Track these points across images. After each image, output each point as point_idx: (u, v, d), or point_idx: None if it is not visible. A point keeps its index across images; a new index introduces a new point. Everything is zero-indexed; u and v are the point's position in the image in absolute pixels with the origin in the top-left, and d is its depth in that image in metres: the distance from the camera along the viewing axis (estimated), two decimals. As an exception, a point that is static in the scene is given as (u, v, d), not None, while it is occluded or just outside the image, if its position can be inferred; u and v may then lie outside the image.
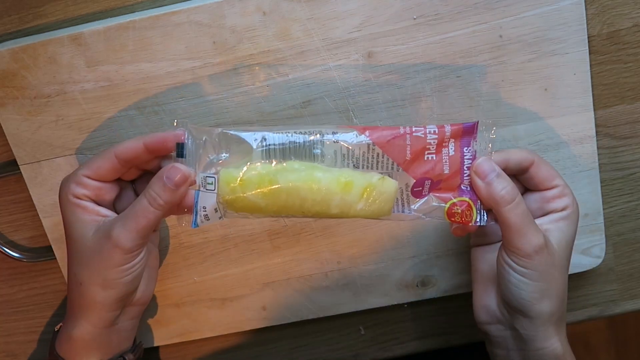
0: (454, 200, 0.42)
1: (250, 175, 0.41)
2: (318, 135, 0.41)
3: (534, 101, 0.48)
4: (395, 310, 0.56)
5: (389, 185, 0.41)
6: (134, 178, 0.45)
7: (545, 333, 0.43)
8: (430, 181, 0.42)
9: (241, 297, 0.53)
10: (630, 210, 0.53)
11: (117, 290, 0.43)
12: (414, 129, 0.41)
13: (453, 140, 0.41)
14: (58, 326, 0.47)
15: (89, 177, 0.42)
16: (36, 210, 0.51)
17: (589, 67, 0.48)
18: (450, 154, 0.41)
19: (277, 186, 0.40)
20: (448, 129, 0.41)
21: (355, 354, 0.57)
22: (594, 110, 0.49)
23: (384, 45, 0.47)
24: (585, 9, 0.46)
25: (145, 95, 0.49)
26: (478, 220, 0.42)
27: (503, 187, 0.41)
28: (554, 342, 0.43)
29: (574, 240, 0.44)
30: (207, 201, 0.42)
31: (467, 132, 0.41)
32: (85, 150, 0.50)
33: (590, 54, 0.48)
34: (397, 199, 0.42)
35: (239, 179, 0.41)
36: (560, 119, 0.49)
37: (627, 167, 0.52)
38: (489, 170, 0.41)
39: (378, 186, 0.41)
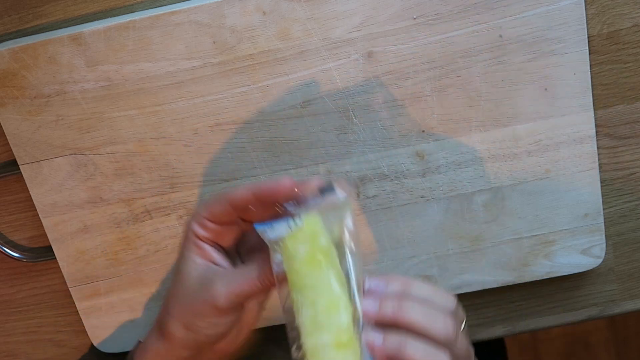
0: None
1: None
2: None
3: (534, 101, 0.48)
4: (395, 310, 0.56)
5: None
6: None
7: None
8: None
9: (241, 297, 0.53)
10: (630, 210, 0.53)
11: (197, 335, 0.44)
12: None
13: None
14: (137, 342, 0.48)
15: (209, 220, 0.43)
16: (36, 210, 0.51)
17: (589, 67, 0.48)
18: None
19: None
20: None
21: (355, 354, 0.57)
22: (594, 110, 0.49)
23: (384, 45, 0.47)
24: (585, 9, 0.46)
25: (145, 95, 0.49)
26: None
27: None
28: None
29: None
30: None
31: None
32: (86, 150, 0.50)
33: (590, 54, 0.48)
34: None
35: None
36: (560, 119, 0.49)
37: (627, 167, 0.52)
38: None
39: None
